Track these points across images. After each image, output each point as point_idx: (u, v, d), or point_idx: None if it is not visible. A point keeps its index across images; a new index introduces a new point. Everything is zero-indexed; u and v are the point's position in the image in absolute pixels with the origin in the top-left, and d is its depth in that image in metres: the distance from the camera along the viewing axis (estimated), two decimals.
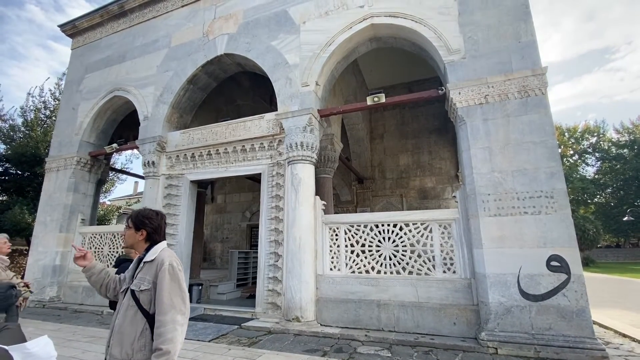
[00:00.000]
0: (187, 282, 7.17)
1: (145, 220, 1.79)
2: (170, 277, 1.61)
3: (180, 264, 1.72)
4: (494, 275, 4.49)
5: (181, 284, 1.64)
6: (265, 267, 6.15)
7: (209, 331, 5.27)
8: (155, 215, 1.83)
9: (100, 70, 9.46)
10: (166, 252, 1.73)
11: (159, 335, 1.51)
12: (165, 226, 1.88)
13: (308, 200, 5.99)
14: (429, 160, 12.44)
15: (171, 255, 1.72)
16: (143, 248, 1.79)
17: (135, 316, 1.61)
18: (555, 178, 4.52)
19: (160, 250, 1.75)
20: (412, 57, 9.98)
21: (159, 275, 1.62)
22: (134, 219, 1.81)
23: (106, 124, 9.54)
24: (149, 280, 1.64)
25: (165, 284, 1.59)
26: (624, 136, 34.80)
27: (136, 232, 1.79)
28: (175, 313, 1.55)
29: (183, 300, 1.62)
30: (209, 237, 15.41)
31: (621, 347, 4.43)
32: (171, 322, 1.52)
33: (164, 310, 1.54)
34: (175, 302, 1.58)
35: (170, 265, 1.64)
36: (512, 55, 5.10)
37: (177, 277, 1.63)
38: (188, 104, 8.24)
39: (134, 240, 1.81)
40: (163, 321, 1.52)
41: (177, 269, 1.65)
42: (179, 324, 1.56)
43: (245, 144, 6.85)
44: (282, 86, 6.57)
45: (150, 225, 1.79)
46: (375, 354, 4.25)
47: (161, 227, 1.83)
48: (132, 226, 1.80)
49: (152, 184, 7.56)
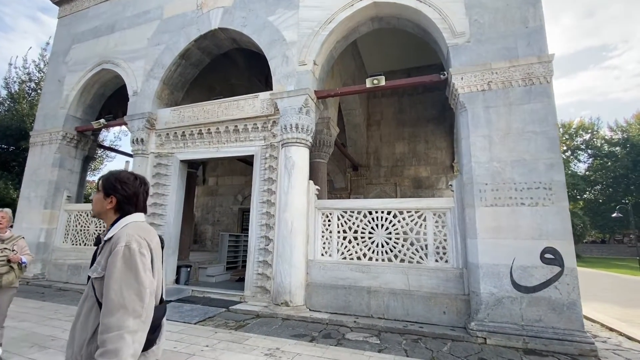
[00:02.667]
0: (174, 263, 7.04)
1: (117, 184, 1.41)
2: (123, 263, 1.20)
3: (148, 245, 1.30)
4: (487, 266, 4.43)
5: (139, 274, 1.21)
6: (256, 251, 6.03)
7: (195, 313, 5.17)
8: (133, 180, 1.45)
9: (88, 41, 9.01)
10: (129, 229, 1.32)
11: (101, 343, 1.13)
12: (145, 196, 1.50)
13: (301, 185, 5.83)
14: (425, 150, 12.32)
15: (135, 233, 1.29)
16: (111, 220, 1.42)
17: (91, 312, 1.26)
18: (554, 170, 4.42)
19: (123, 225, 1.35)
20: (413, 41, 9.70)
21: (109, 259, 1.23)
22: (104, 182, 1.44)
23: (94, 98, 9.16)
24: (103, 266, 1.26)
25: (115, 273, 1.19)
26: (617, 134, 35.11)
27: (105, 198, 1.42)
28: (124, 315, 1.14)
29: (139, 296, 1.19)
30: (200, 219, 15.24)
31: (608, 341, 4.45)
32: (117, 328, 1.12)
33: (110, 309, 1.15)
34: (127, 299, 1.16)
35: (127, 247, 1.23)
36: (519, 40, 4.91)
37: (134, 264, 1.21)
38: (180, 80, 7.90)
39: (100, 208, 1.44)
40: (107, 325, 1.13)
41: (136, 253, 1.23)
42: (129, 330, 1.13)
43: (238, 124, 6.61)
44: (278, 64, 6.29)
45: (122, 191, 1.41)
46: (364, 340, 4.20)
47: (138, 196, 1.45)
48: (101, 190, 1.44)
49: (141, 162, 7.31)
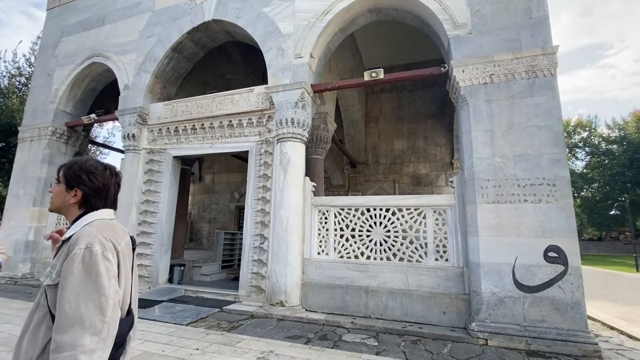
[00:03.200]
0: (167, 262, 6.86)
1: (82, 175, 1.18)
2: (82, 269, 0.99)
3: (114, 248, 1.09)
4: (489, 265, 4.28)
5: (100, 283, 1.00)
6: (250, 249, 5.86)
7: (187, 314, 5.00)
8: (102, 170, 1.22)
9: (78, 34, 8.76)
10: (93, 228, 1.10)
11: None
12: (117, 189, 1.28)
13: (297, 181, 5.66)
14: (424, 146, 12.16)
15: (99, 233, 1.07)
16: (74, 216, 1.19)
17: (41, 325, 1.04)
18: (558, 165, 4.27)
19: (86, 223, 1.13)
20: (412, 35, 9.53)
21: (65, 264, 1.02)
22: (66, 171, 1.20)
23: (84, 93, 8.91)
24: (58, 271, 1.04)
25: (71, 281, 0.98)
26: (614, 132, 35.15)
27: (67, 190, 1.19)
28: (81, 331, 0.93)
29: (100, 309, 0.98)
30: (196, 217, 15.02)
31: (610, 340, 4.33)
32: (70, 347, 0.91)
33: (64, 324, 0.94)
34: (85, 313, 0.95)
35: (89, 249, 1.02)
36: (522, 32, 4.75)
37: (95, 271, 1.00)
38: (172, 74, 7.69)
39: (61, 201, 1.20)
40: (59, 343, 0.92)
41: (98, 257, 1.02)
42: (85, 349, 0.92)
43: (232, 119, 6.41)
44: (274, 57, 6.10)
45: (90, 183, 1.18)
46: (362, 342, 4.05)
47: (109, 188, 1.23)
48: (63, 181, 1.20)
49: (132, 159, 7.10)
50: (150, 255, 6.67)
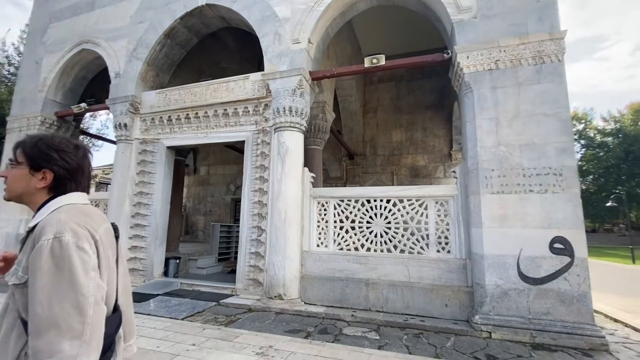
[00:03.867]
0: (162, 255, 6.70)
1: (52, 153, 0.99)
2: (52, 263, 0.83)
3: (90, 236, 0.93)
4: (493, 257, 4.18)
5: (75, 278, 0.84)
6: (247, 242, 5.71)
7: (183, 308, 4.87)
8: (74, 149, 1.04)
9: (67, 20, 8.41)
10: (61, 214, 0.93)
11: None
12: (90, 171, 1.10)
13: (295, 172, 5.49)
14: (423, 137, 12.01)
15: (69, 219, 0.90)
16: (39, 204, 1.00)
17: (12, 331, 0.88)
18: (566, 154, 4.14)
19: (54, 209, 0.96)
20: (411, 24, 9.30)
21: (31, 259, 0.85)
22: (30, 150, 1.00)
23: (74, 81, 8.60)
24: (24, 267, 0.88)
25: (40, 278, 0.82)
26: (610, 124, 35.25)
27: (32, 173, 0.99)
28: (57, 336, 0.79)
29: (78, 309, 0.82)
30: (192, 209, 14.83)
31: (616, 333, 4.27)
32: (47, 354, 0.78)
33: (37, 329, 0.80)
34: (59, 314, 0.80)
35: (57, 240, 0.85)
36: (529, 16, 4.56)
37: (67, 264, 0.84)
38: (165, 62, 7.42)
39: (24, 187, 1.00)
40: (35, 350, 0.79)
41: (70, 247, 0.85)
42: (66, 356, 0.78)
43: (227, 108, 6.20)
44: (270, 43, 5.86)
45: (62, 162, 1.00)
46: (363, 335, 3.94)
47: (83, 170, 1.06)
48: (25, 161, 1.00)
49: (125, 149, 6.88)
50: (144, 248, 6.50)
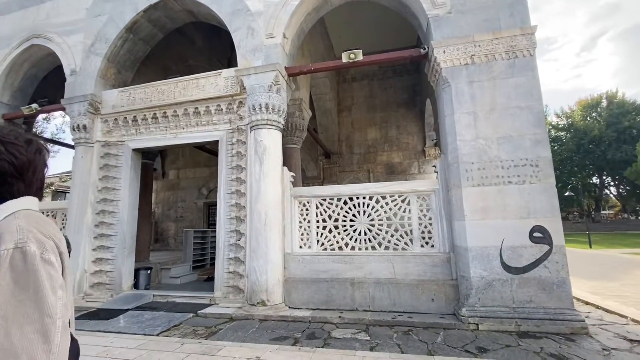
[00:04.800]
0: (132, 266, 6.21)
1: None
2: (11, 279, 0.68)
3: (55, 247, 0.78)
4: (476, 249, 4.22)
5: (42, 297, 0.69)
6: (225, 247, 5.41)
7: (157, 322, 4.50)
8: (25, 143, 0.85)
9: (13, 13, 7.60)
10: (21, 219, 0.77)
11: None
12: (44, 170, 0.91)
13: (275, 172, 5.28)
14: (397, 135, 12.18)
15: (32, 227, 0.76)
16: None
17: None
18: (540, 145, 4.28)
19: (8, 214, 0.79)
20: (383, 21, 9.37)
21: None
22: None
23: (24, 80, 7.81)
24: None
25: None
26: (563, 120, 37.96)
27: None
28: None
29: (45, 335, 0.67)
30: (161, 216, 14.05)
31: (590, 316, 4.45)
32: None
33: None
34: (20, 344, 0.64)
35: (19, 250, 0.70)
36: (501, 11, 4.67)
37: (33, 280, 0.69)
38: (128, 58, 6.90)
39: None
40: None
41: (36, 260, 0.71)
42: None
43: (198, 106, 5.85)
44: (243, 37, 5.60)
45: (9, 157, 0.81)
46: (353, 337, 3.82)
47: (35, 168, 0.87)
48: None
49: (85, 153, 6.30)
50: (111, 260, 5.98)
